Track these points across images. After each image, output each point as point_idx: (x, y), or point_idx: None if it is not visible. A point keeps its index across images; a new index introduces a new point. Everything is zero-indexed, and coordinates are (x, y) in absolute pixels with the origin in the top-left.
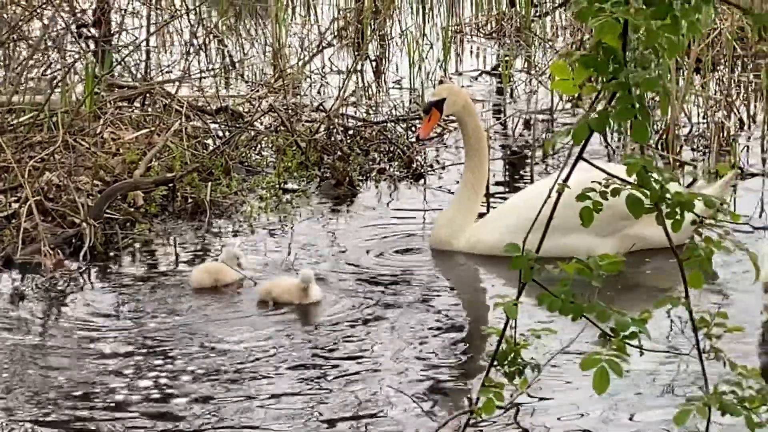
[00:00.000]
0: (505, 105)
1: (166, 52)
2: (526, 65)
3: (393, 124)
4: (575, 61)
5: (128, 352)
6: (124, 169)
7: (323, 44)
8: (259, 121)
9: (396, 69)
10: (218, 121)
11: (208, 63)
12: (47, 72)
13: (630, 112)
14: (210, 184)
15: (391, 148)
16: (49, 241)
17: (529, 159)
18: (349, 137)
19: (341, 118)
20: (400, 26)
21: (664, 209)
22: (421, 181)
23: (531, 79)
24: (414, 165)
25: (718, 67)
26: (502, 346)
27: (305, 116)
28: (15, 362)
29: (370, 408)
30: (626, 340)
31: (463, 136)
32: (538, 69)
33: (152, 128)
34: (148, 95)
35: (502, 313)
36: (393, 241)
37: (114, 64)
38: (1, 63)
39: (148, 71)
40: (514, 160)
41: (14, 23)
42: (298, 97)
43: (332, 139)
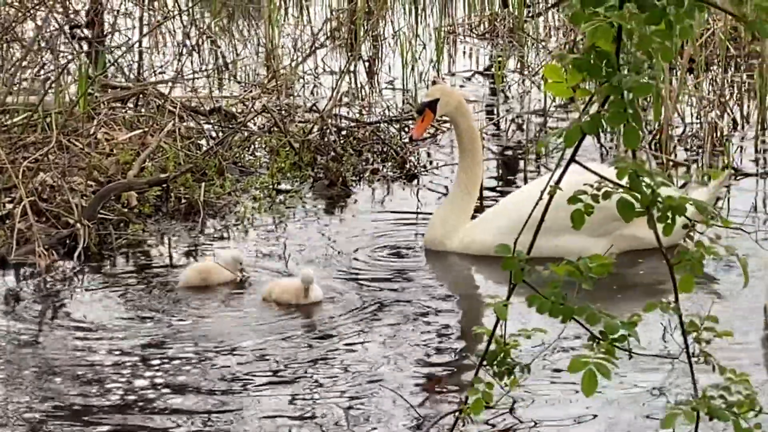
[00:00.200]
0: (498, 105)
1: (159, 52)
2: (519, 66)
3: (386, 125)
4: (568, 64)
5: (123, 353)
6: (118, 170)
7: (316, 45)
8: (252, 121)
9: (389, 69)
10: (211, 121)
11: (201, 64)
12: (41, 73)
13: (622, 116)
14: (203, 184)
15: (385, 149)
16: (43, 241)
17: (522, 159)
18: (342, 138)
19: (334, 119)
20: (392, 27)
21: (656, 213)
22: (415, 182)
23: (524, 80)
24: (407, 165)
25: (711, 68)
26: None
27: (298, 117)
28: (10, 363)
29: (361, 406)
30: (615, 343)
31: (457, 137)
32: (531, 69)
33: (146, 129)
34: (141, 96)
35: (494, 313)
36: (386, 242)
37: (107, 65)
38: None
39: (141, 72)
40: (507, 161)
41: (7, 24)
42: (291, 97)
43: (325, 139)
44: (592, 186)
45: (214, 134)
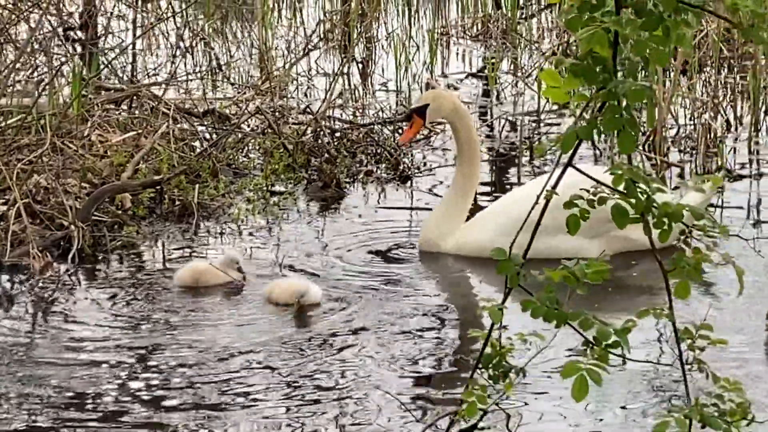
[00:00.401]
0: (491, 107)
1: (152, 54)
2: (513, 67)
3: (380, 127)
4: (565, 69)
5: (117, 355)
6: (112, 172)
7: (310, 47)
8: (246, 123)
9: (382, 71)
10: (205, 123)
11: (195, 66)
12: (34, 75)
13: (618, 121)
14: (197, 186)
15: (378, 150)
16: (37, 243)
17: (516, 161)
18: (336, 139)
19: (328, 121)
20: (386, 28)
21: (651, 220)
22: (408, 183)
23: (517, 81)
24: (401, 167)
25: (704, 69)
26: (487, 350)
27: (292, 118)
28: (3, 365)
29: (355, 409)
30: (609, 349)
31: (456, 141)
32: (525, 71)
33: (139, 131)
34: (135, 98)
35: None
36: (380, 243)
37: (101, 67)
38: None
39: (135, 74)
40: (501, 162)
41: (1, 26)
42: (285, 99)
43: (319, 141)
44: (588, 191)
45: (207, 136)
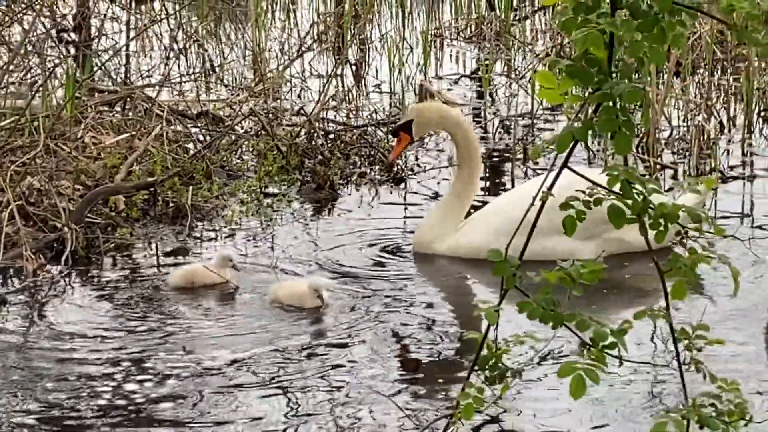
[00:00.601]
0: (485, 108)
1: (146, 56)
2: (506, 69)
3: (373, 128)
4: (560, 70)
5: (111, 357)
6: (106, 174)
7: (303, 48)
8: (239, 125)
9: (376, 73)
10: (199, 125)
11: (189, 67)
12: (28, 76)
13: (614, 122)
14: (191, 188)
15: (372, 152)
16: (30, 245)
17: (510, 162)
18: (329, 141)
19: (322, 122)
20: (380, 30)
21: (647, 220)
22: (402, 185)
23: (511, 83)
24: (395, 169)
25: (698, 71)
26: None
27: (286, 120)
28: None
29: (351, 412)
30: (606, 350)
31: (455, 147)
32: (518, 72)
33: (133, 132)
34: (128, 100)
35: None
36: (374, 245)
37: (94, 69)
38: None
39: (128, 76)
40: (495, 164)
41: None
42: (279, 101)
43: (313, 143)
44: (584, 192)
45: (201, 138)
